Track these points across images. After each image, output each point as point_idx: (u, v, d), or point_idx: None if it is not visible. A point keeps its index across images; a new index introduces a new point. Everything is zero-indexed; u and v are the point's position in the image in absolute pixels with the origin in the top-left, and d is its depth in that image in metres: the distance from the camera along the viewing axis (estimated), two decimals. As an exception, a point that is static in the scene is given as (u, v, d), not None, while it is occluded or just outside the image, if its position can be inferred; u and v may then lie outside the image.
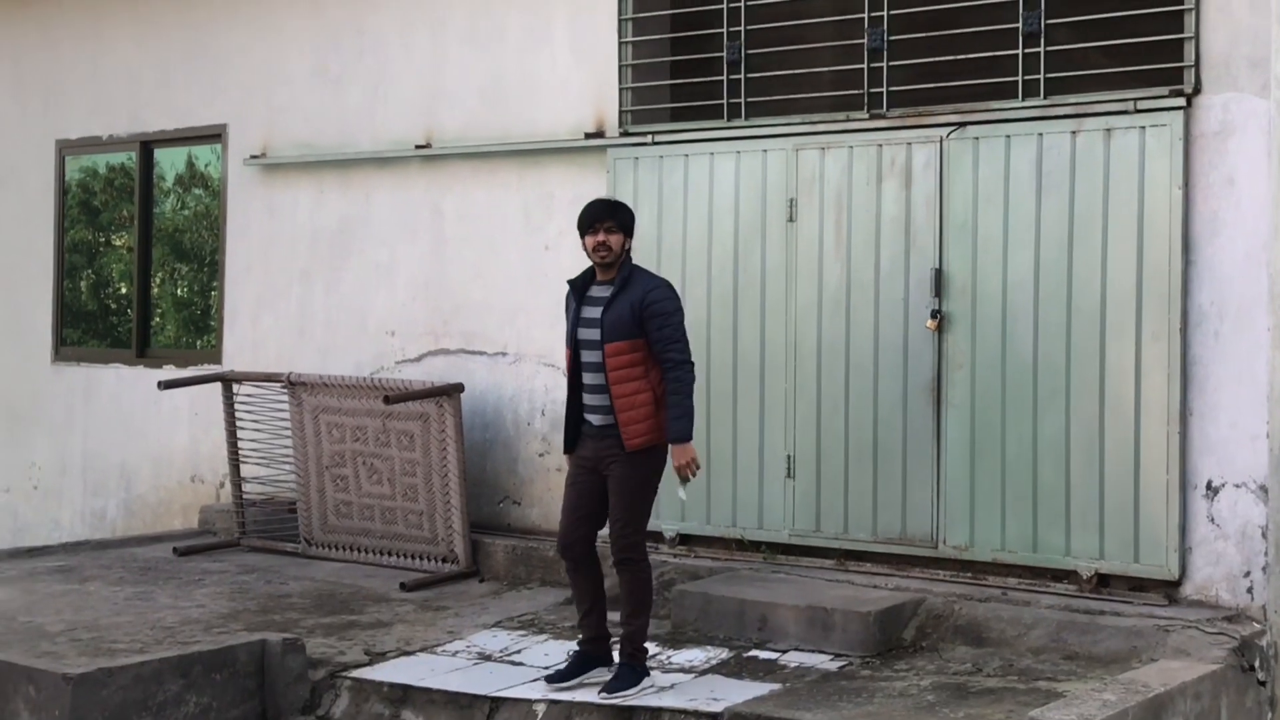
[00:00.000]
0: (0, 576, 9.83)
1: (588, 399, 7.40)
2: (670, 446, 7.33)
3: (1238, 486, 7.80)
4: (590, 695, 7.27)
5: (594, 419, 7.38)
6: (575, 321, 7.45)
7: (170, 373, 11.80)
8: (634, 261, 7.53)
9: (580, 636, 7.56)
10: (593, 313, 7.37)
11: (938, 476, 8.60)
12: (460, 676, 7.72)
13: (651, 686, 7.23)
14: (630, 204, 9.57)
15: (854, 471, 8.88)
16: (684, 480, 7.41)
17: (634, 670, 7.26)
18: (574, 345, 7.45)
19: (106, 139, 12.74)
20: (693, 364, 7.39)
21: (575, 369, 7.45)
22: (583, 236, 7.43)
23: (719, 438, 9.34)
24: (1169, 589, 7.93)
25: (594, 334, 7.32)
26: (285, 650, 7.74)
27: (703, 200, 9.47)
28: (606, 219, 7.36)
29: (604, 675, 7.31)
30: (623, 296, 7.31)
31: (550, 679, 7.39)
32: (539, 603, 9.20)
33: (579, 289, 7.52)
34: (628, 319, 7.25)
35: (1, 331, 13.42)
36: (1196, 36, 7.93)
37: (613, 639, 7.51)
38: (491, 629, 8.64)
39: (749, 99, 9.38)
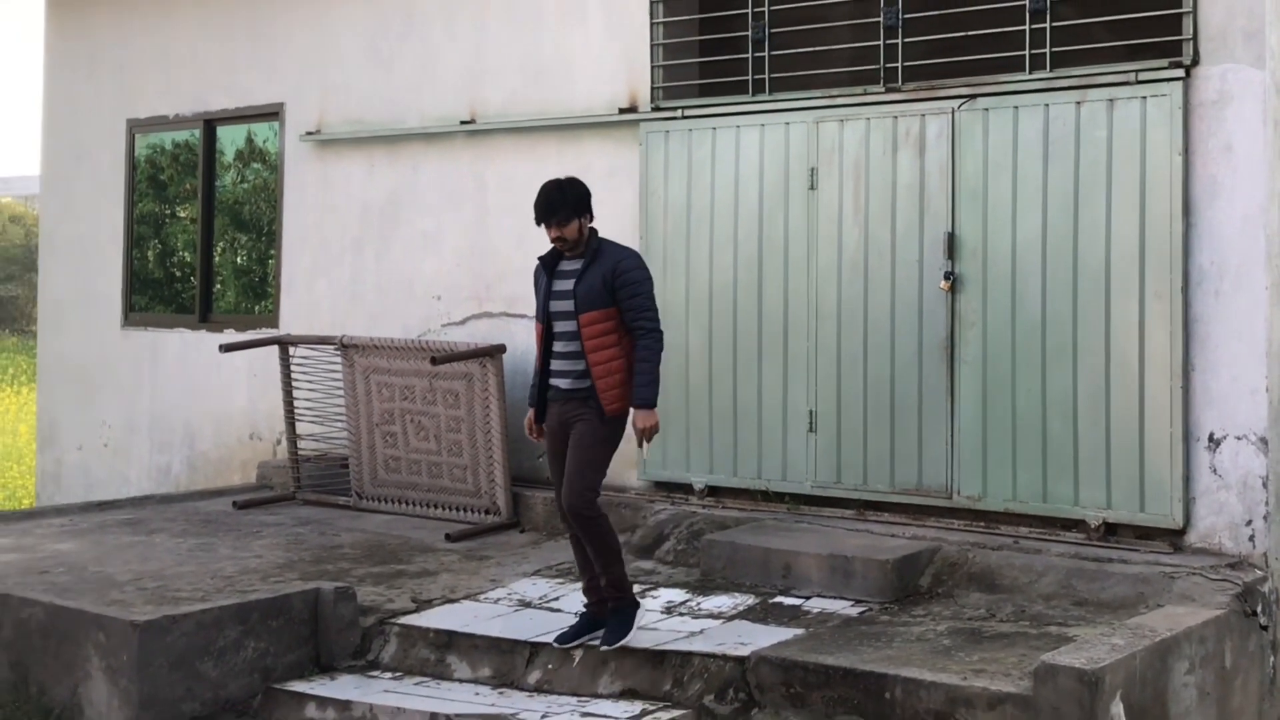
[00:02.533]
0: (72, 529, 9.83)
1: (557, 365, 7.22)
2: (634, 410, 7.11)
3: (1239, 438, 7.67)
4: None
5: (562, 383, 7.20)
6: (547, 295, 7.25)
7: (230, 336, 11.79)
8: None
9: (585, 600, 7.40)
10: (565, 286, 7.17)
11: (951, 430, 8.50)
12: (502, 623, 7.65)
13: (643, 621, 7.22)
14: (661, 174, 9.62)
15: (872, 426, 8.80)
16: (642, 444, 7.20)
17: (623, 614, 7.16)
18: (546, 319, 7.25)
19: (173, 118, 12.67)
20: (661, 333, 7.19)
21: (546, 342, 7.26)
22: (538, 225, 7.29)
23: (745, 394, 9.26)
24: (1174, 537, 7.80)
25: (567, 305, 7.13)
26: (337, 598, 7.65)
27: (729, 170, 9.38)
28: (553, 216, 7.14)
29: (641, 616, 7.26)
30: (594, 268, 7.12)
31: (559, 639, 7.23)
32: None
33: (549, 264, 7.31)
34: (600, 289, 7.07)
35: (75, 298, 13.38)
36: (1194, 10, 7.83)
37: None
38: (531, 577, 8.56)
39: (772, 75, 9.31)
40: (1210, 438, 7.73)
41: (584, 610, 7.33)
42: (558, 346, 7.19)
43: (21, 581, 7.96)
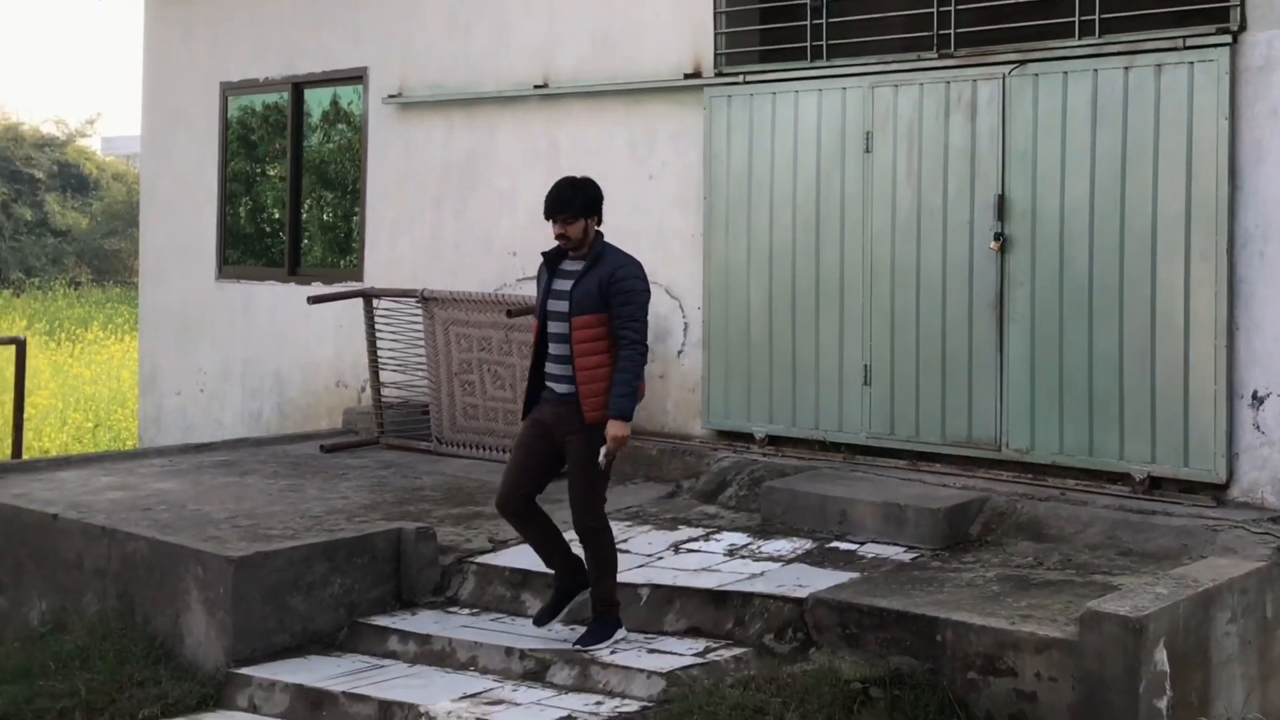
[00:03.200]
0: (172, 469, 9.87)
1: (551, 368, 6.75)
2: (609, 419, 6.58)
3: (1282, 396, 7.53)
4: (690, 580, 7.13)
5: (556, 387, 6.73)
6: (545, 293, 6.80)
7: (318, 289, 11.75)
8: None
9: (555, 579, 6.98)
10: (563, 285, 6.71)
11: (1000, 385, 8.37)
12: (573, 562, 7.57)
13: (623, 637, 6.76)
14: (724, 138, 9.49)
15: (924, 380, 8.68)
16: (610, 455, 6.60)
17: (605, 624, 6.75)
18: (543, 316, 6.80)
19: (263, 81, 12.63)
20: (646, 347, 6.69)
21: (542, 338, 6.81)
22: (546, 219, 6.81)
23: (803, 348, 9.17)
24: (1217, 491, 7.66)
25: (562, 306, 6.67)
26: (418, 538, 7.65)
27: (788, 134, 9.26)
28: (561, 212, 6.67)
29: (584, 598, 6.87)
30: (593, 272, 6.64)
31: (536, 620, 6.93)
32: (643, 496, 9.04)
33: (552, 261, 6.85)
34: (595, 294, 6.59)
35: (174, 253, 13.40)
36: None
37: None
38: (599, 520, 8.45)
39: (830, 41, 9.17)
40: (1254, 395, 7.57)
41: (555, 588, 6.97)
42: (552, 348, 6.75)
43: (127, 518, 8.02)
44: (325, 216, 12.50)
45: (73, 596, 7.72)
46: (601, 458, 6.57)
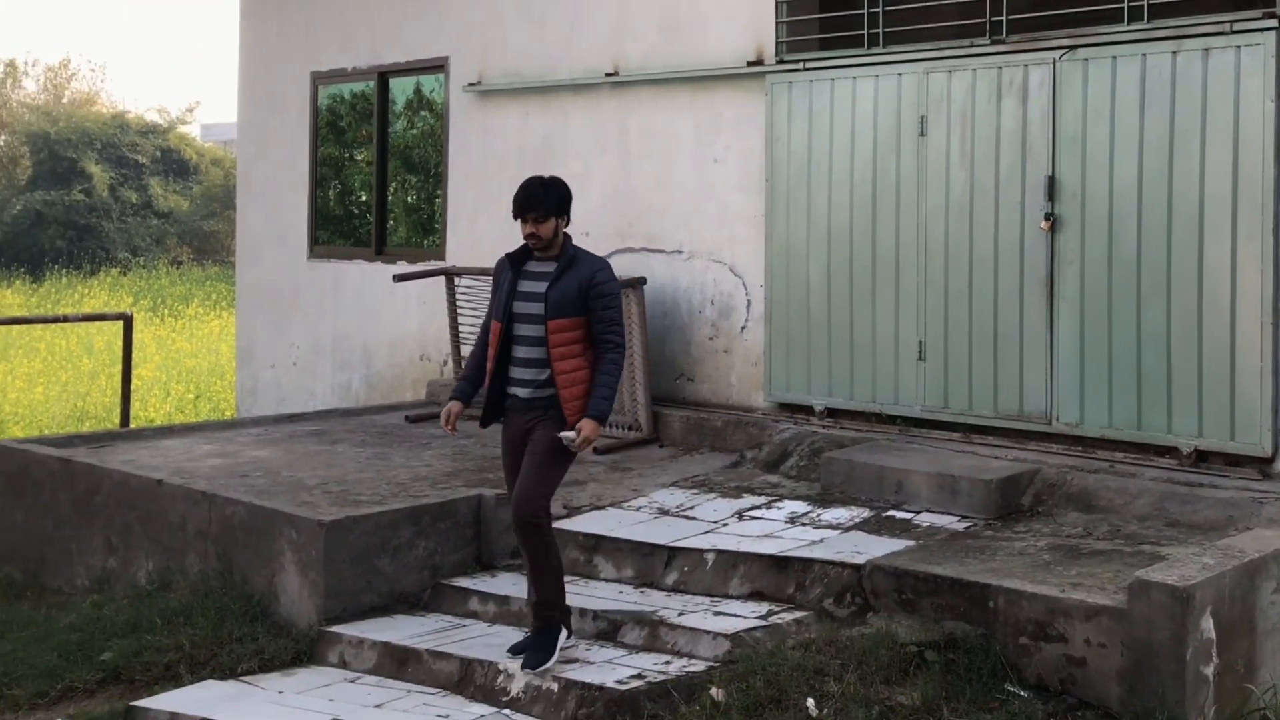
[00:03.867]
0: (267, 438, 9.92)
1: (517, 372, 6.28)
2: (585, 418, 6.17)
3: (1326, 373, 7.33)
4: (753, 546, 7.06)
5: (521, 392, 6.27)
6: (510, 294, 6.28)
7: (402, 268, 11.75)
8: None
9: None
10: (534, 287, 6.23)
11: (1051, 360, 8.22)
12: (643, 528, 7.60)
13: (573, 644, 6.40)
14: (785, 122, 9.34)
15: (977, 355, 8.55)
16: (573, 444, 6.19)
17: (548, 635, 6.27)
18: (506, 318, 6.28)
19: (351, 70, 12.62)
20: (625, 349, 6.35)
21: (504, 342, 6.28)
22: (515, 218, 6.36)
23: (860, 324, 9.06)
24: (1262, 465, 7.48)
25: (536, 308, 6.19)
26: (498, 504, 7.62)
27: (846, 119, 9.14)
28: (532, 210, 6.22)
29: (567, 641, 6.38)
30: (570, 274, 6.21)
31: (512, 649, 6.38)
32: (709, 465, 8.98)
33: (517, 262, 6.36)
34: (574, 297, 6.17)
35: (268, 234, 13.44)
36: None
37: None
38: (669, 488, 8.46)
39: (886, 29, 9.03)
40: (1299, 372, 7.42)
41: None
42: (519, 351, 6.26)
43: (226, 483, 8.10)
44: (409, 199, 12.48)
45: (176, 557, 7.79)
46: (566, 433, 6.16)
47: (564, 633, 6.34)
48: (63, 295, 27.88)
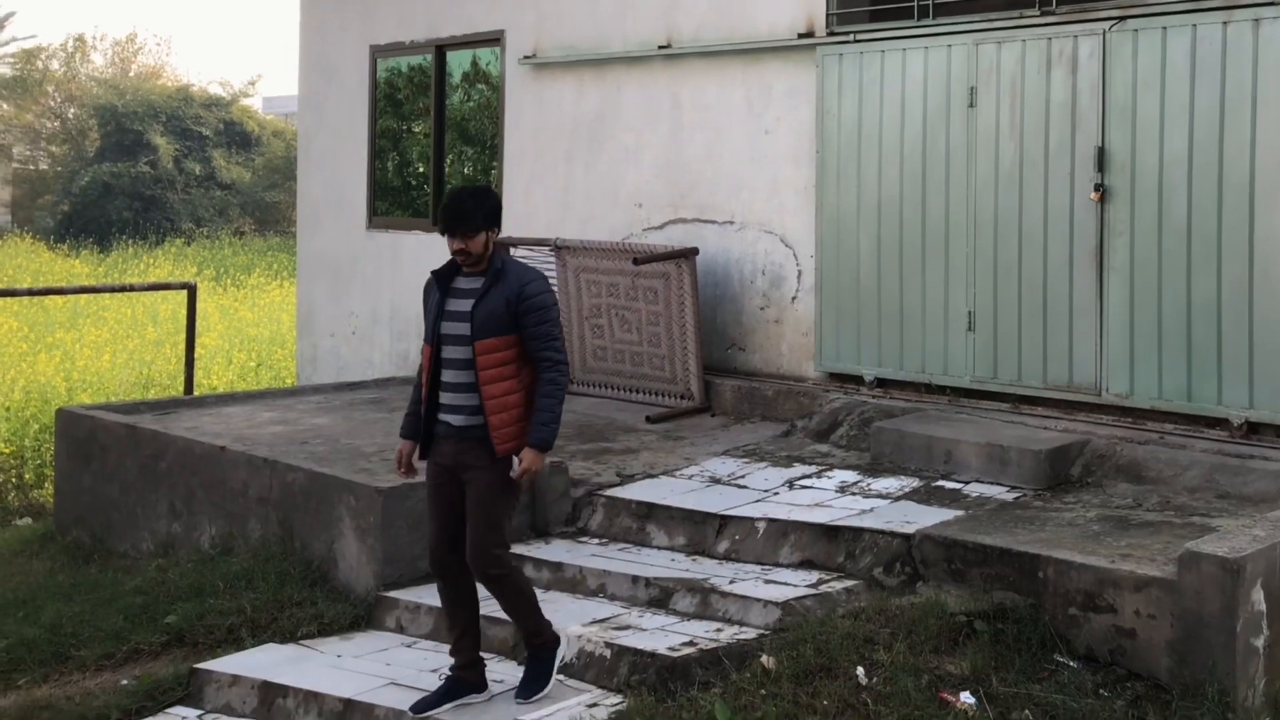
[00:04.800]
0: (326, 406, 9.96)
1: (447, 398, 5.65)
2: (526, 448, 5.60)
3: (1378, 344, 7.16)
4: (804, 515, 7.00)
5: (454, 419, 5.63)
6: (438, 315, 5.68)
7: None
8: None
9: (453, 661, 5.89)
10: (460, 305, 5.62)
11: (1100, 332, 8.11)
12: (695, 496, 7.56)
13: (563, 650, 5.93)
14: (835, 94, 9.22)
15: (1026, 326, 8.44)
16: (519, 476, 5.64)
17: (541, 662, 5.85)
18: (435, 340, 5.69)
19: (409, 44, 12.58)
20: (568, 365, 5.81)
21: (434, 365, 5.70)
22: (443, 234, 5.72)
23: (910, 295, 8.97)
24: (1314, 437, 7.35)
25: (462, 328, 5.58)
26: (552, 472, 7.60)
27: (896, 90, 9.03)
28: (461, 225, 5.59)
29: (476, 700, 5.80)
30: (496, 290, 5.58)
31: (415, 707, 5.75)
32: (760, 435, 8.93)
33: (444, 279, 5.74)
34: (502, 314, 5.55)
35: (328, 203, 13.45)
36: None
37: (486, 662, 5.97)
38: (721, 457, 8.42)
39: (936, 1, 8.89)
40: (1351, 343, 7.26)
41: (449, 674, 5.88)
42: (448, 375, 5.65)
43: (287, 450, 8.12)
44: (466, 170, 12.45)
45: (238, 522, 7.83)
46: (513, 471, 5.60)
47: (558, 652, 5.90)
48: (129, 265, 28.05)
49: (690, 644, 5.98)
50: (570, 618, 6.35)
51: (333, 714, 5.90)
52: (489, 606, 6.00)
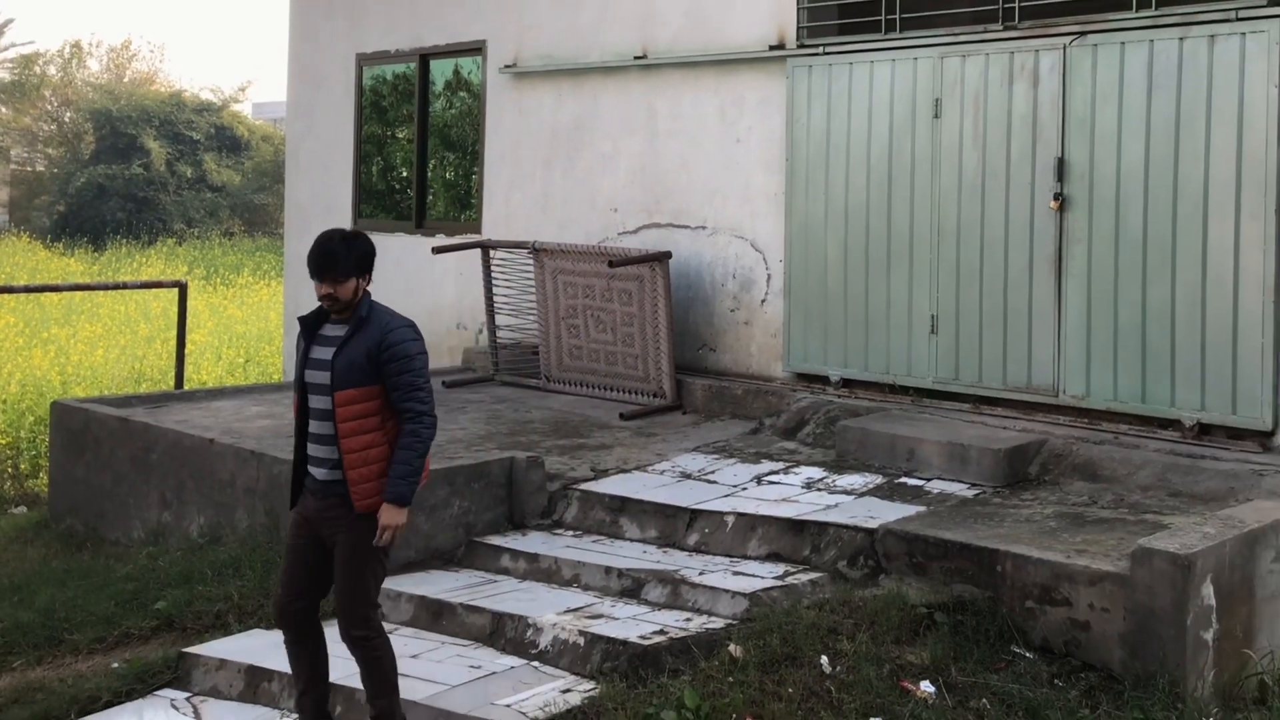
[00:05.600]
0: (313, 402, 9.80)
1: (314, 450, 5.15)
2: (384, 508, 5.06)
3: (1326, 350, 7.16)
4: (771, 509, 6.96)
5: (318, 473, 5.13)
6: (303, 362, 5.17)
7: (441, 240, 11.63)
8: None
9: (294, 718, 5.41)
10: (323, 354, 5.12)
11: (1059, 336, 8.09)
12: (667, 491, 7.52)
13: None
14: (805, 104, 9.18)
15: (987, 330, 8.42)
16: (384, 544, 5.12)
17: None
18: (302, 388, 5.17)
19: (394, 53, 12.50)
20: (434, 417, 5.21)
21: (301, 415, 5.20)
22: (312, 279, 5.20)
23: (875, 299, 8.94)
24: (1263, 438, 7.35)
25: (323, 377, 5.08)
26: (529, 466, 7.56)
27: (863, 101, 8.99)
28: (331, 272, 5.09)
29: None
30: (358, 338, 5.09)
31: None
32: (729, 432, 8.88)
33: (310, 326, 5.23)
34: (362, 363, 5.04)
35: (315, 205, 13.34)
36: None
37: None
38: (691, 453, 8.37)
39: (902, 15, 8.88)
40: (1299, 348, 7.26)
41: None
42: (313, 426, 5.15)
43: (273, 443, 8.01)
44: (448, 175, 12.38)
45: (226, 512, 7.76)
46: (378, 540, 5.09)
47: None
48: (122, 264, 27.93)
49: (661, 633, 5.94)
50: (545, 607, 6.32)
51: None
52: (472, 594, 5.92)
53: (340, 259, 5.11)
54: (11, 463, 12.34)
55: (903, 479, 7.56)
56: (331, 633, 5.31)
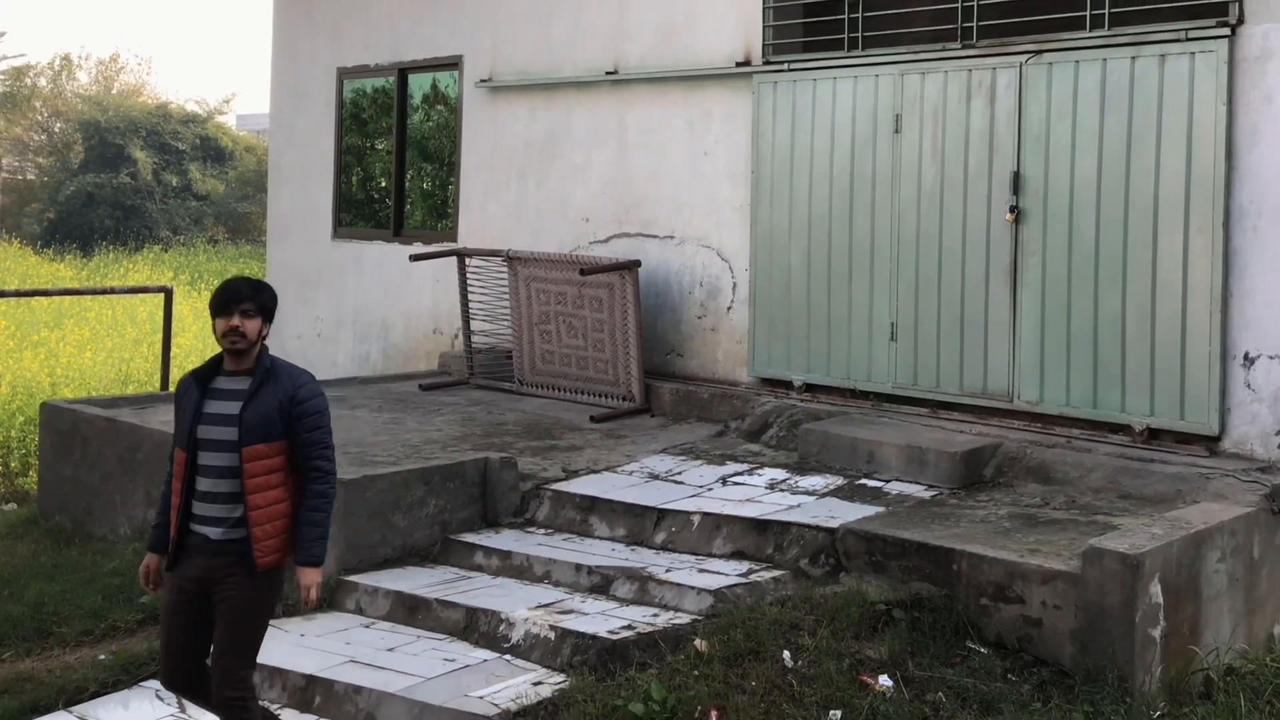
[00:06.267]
0: (292, 404, 9.71)
1: (204, 509, 4.75)
2: (301, 568, 4.80)
3: (1271, 358, 7.15)
4: (736, 509, 6.92)
5: (211, 532, 4.73)
6: (194, 418, 4.75)
7: (418, 249, 11.52)
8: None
9: None
10: (224, 408, 4.74)
11: (1013, 343, 8.06)
12: (635, 491, 7.48)
13: None
14: (770, 119, 9.14)
15: (944, 337, 8.38)
16: (306, 604, 4.84)
17: None
18: (190, 445, 4.75)
19: (373, 67, 12.41)
20: (336, 475, 4.94)
21: (189, 472, 4.76)
22: (214, 319, 4.81)
23: (837, 306, 8.90)
24: (1210, 443, 7.33)
25: (226, 433, 4.71)
26: (502, 466, 7.51)
27: (826, 116, 8.94)
28: (245, 300, 4.76)
29: None
30: (267, 391, 4.75)
31: None
32: (696, 434, 8.83)
33: (203, 379, 4.82)
34: (274, 418, 4.73)
35: (296, 215, 13.25)
36: None
37: None
38: (659, 454, 8.31)
39: (864, 34, 8.85)
40: (1245, 356, 7.21)
41: None
42: (205, 484, 4.74)
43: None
44: (425, 185, 12.30)
45: (208, 511, 7.66)
46: (305, 600, 4.81)
47: None
48: (110, 270, 27.73)
49: (629, 628, 5.90)
50: (518, 602, 6.29)
51: (296, 689, 5.81)
52: (447, 589, 5.84)
53: (248, 295, 4.79)
54: (2, 461, 12.22)
55: (863, 480, 7.52)
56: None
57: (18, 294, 13.24)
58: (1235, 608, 6.19)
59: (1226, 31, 7.21)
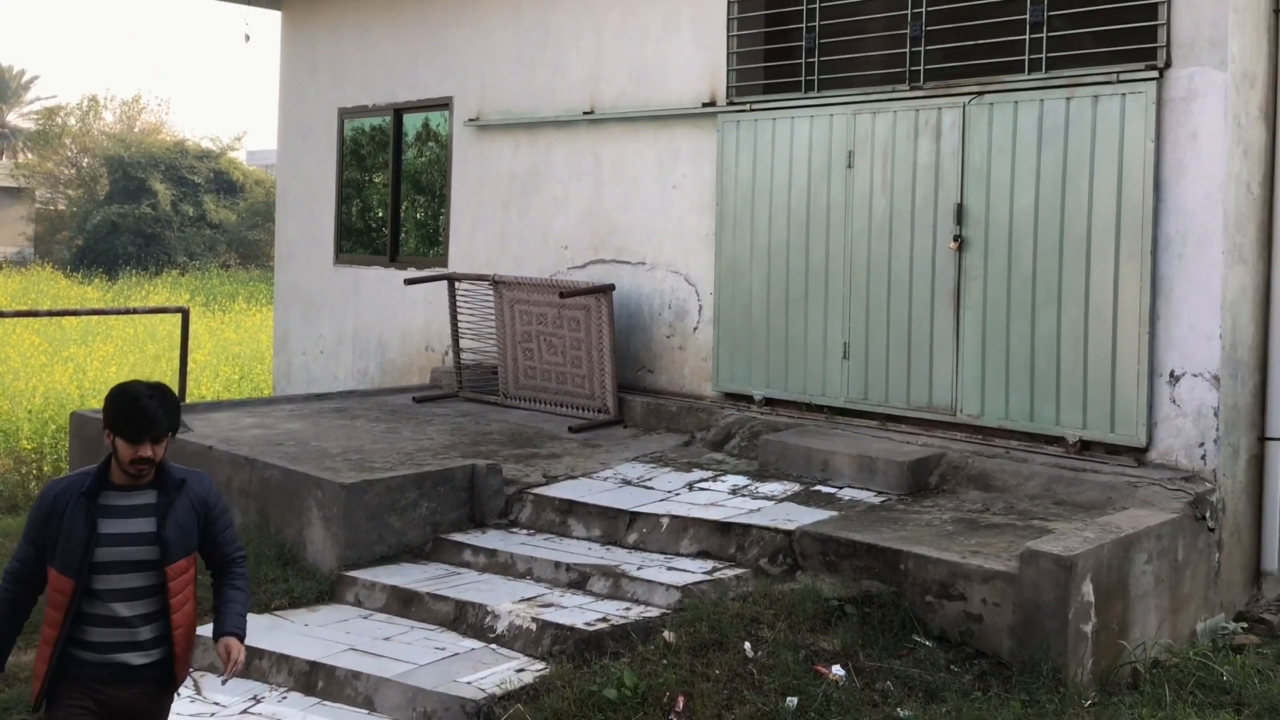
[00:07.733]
0: (298, 413, 9.71)
1: (116, 635, 3.96)
2: (233, 641, 4.13)
3: (1195, 376, 7.07)
4: (701, 512, 6.86)
5: (132, 658, 3.97)
6: (91, 542, 3.90)
7: (412, 273, 11.47)
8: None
9: None
10: (129, 527, 3.95)
11: (957, 361, 7.98)
12: (609, 495, 7.43)
13: None
14: (734, 155, 9.09)
15: (893, 355, 8.30)
16: (233, 667, 4.15)
17: None
18: (83, 572, 3.91)
19: (371, 107, 12.31)
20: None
21: (73, 602, 3.92)
22: (116, 439, 3.95)
23: (794, 327, 8.81)
24: (1138, 454, 7.25)
25: (140, 553, 3.95)
26: (488, 472, 7.48)
27: (785, 152, 8.88)
28: (149, 431, 3.94)
29: None
30: (180, 502, 4.03)
31: None
32: (665, 444, 8.74)
33: (90, 497, 3.95)
34: (192, 529, 4.05)
35: (302, 242, 13.13)
36: (1168, 22, 7.19)
37: None
38: (631, 462, 8.24)
39: (820, 76, 8.78)
40: (1171, 374, 7.14)
41: None
42: (121, 609, 3.94)
43: (264, 450, 7.95)
44: (418, 215, 12.19)
45: (222, 511, 7.59)
46: (228, 672, 4.16)
47: None
48: (133, 292, 27.72)
49: (603, 620, 5.87)
50: (502, 596, 6.28)
51: (300, 673, 5.82)
52: (438, 584, 5.72)
53: (161, 420, 3.95)
54: (36, 465, 12.22)
55: (818, 487, 7.44)
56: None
57: (50, 314, 13.20)
58: (1161, 606, 6.12)
59: (1155, 74, 7.17)
